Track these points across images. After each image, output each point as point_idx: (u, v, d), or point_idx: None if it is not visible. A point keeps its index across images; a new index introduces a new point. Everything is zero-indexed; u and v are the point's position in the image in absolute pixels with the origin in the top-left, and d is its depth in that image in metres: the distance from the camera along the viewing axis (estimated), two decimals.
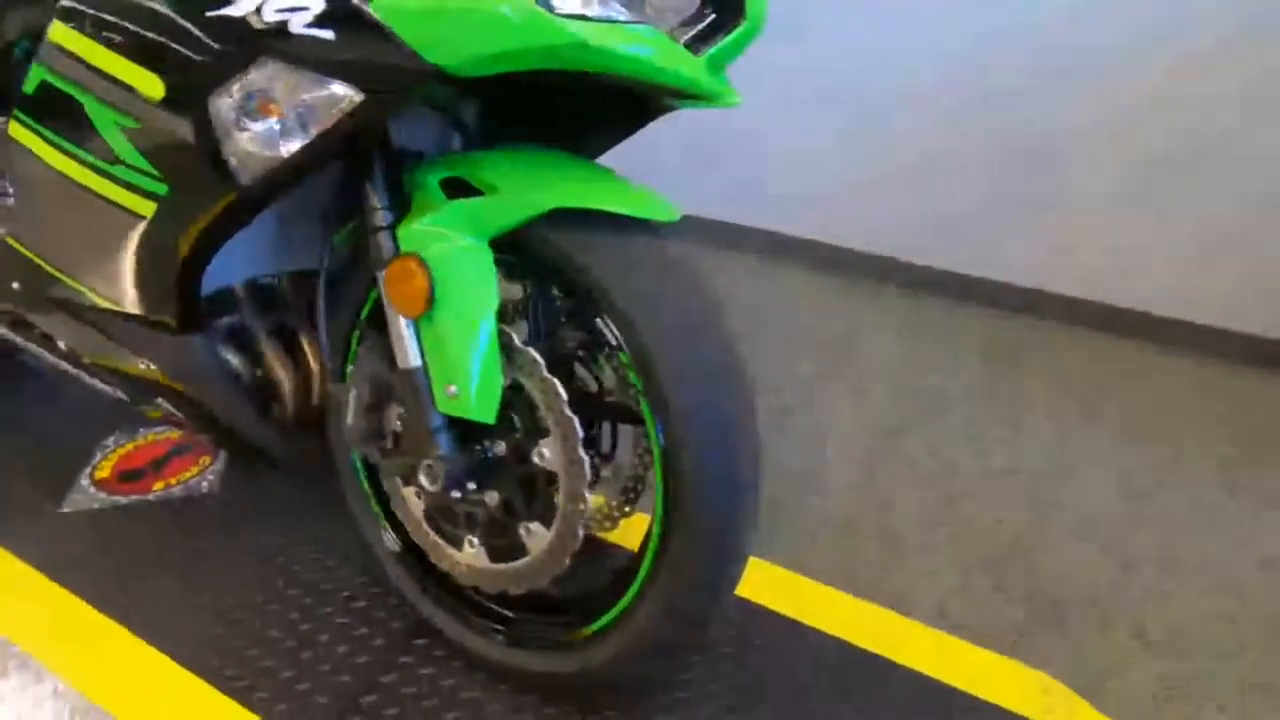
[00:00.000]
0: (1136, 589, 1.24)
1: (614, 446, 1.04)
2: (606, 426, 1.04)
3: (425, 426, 0.87)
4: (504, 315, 0.99)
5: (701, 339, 0.83)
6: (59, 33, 0.87)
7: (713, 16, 0.83)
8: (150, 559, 1.26)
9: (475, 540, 0.96)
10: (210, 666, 1.07)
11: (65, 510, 1.35)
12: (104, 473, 1.44)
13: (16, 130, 0.94)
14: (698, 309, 0.84)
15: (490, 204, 0.82)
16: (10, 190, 1.00)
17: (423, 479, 0.90)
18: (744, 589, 0.99)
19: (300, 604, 1.17)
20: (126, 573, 1.23)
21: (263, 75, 0.75)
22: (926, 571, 1.27)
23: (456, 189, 0.85)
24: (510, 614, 1.02)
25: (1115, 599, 1.22)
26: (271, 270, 1.09)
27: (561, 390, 0.84)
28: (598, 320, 0.84)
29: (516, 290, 0.98)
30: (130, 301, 0.93)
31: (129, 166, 0.84)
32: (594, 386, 0.98)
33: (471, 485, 0.90)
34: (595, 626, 0.93)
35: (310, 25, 0.71)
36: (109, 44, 0.82)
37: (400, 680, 1.05)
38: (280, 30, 0.72)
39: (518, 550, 0.93)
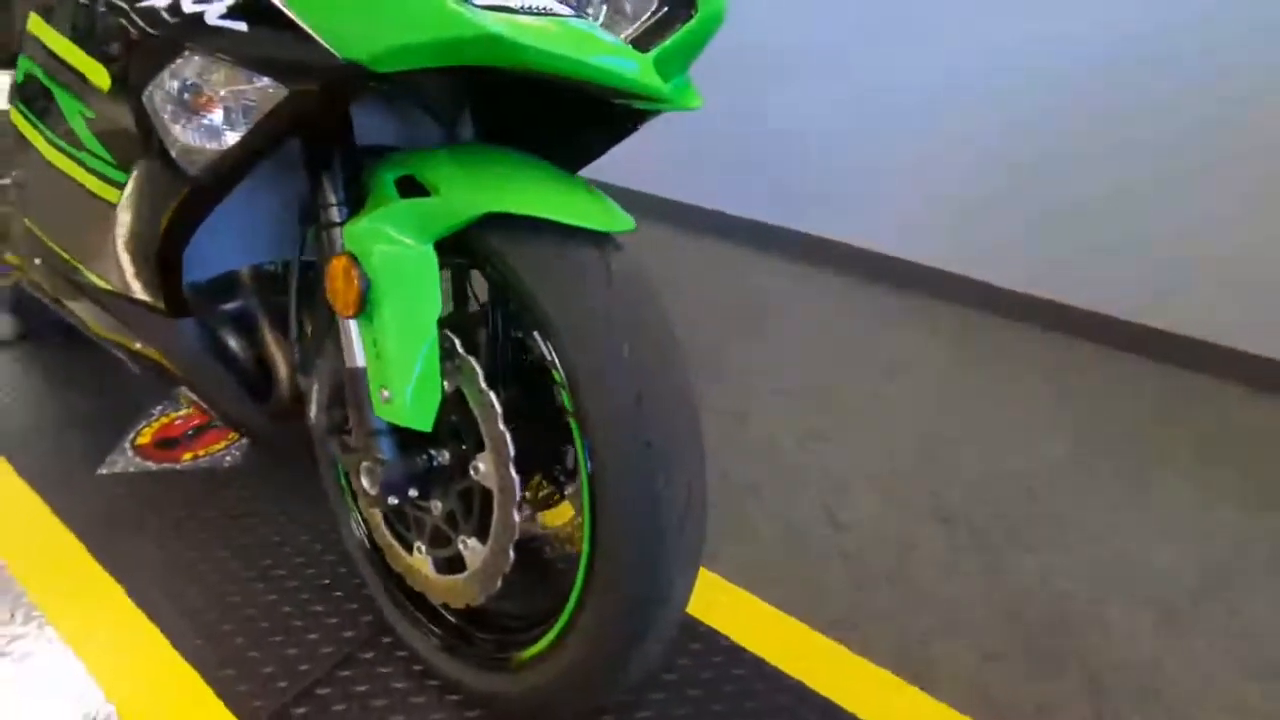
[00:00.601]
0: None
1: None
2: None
3: (367, 428, 0.86)
4: (466, 321, 0.97)
5: (640, 361, 0.77)
6: (34, 23, 0.91)
7: (664, 11, 0.77)
8: (164, 526, 1.33)
9: (422, 548, 0.95)
10: (187, 639, 1.11)
11: (102, 471, 1.45)
12: (145, 439, 1.54)
13: (15, 118, 1.01)
14: (637, 326, 0.78)
15: (431, 205, 0.79)
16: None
17: (364, 480, 0.88)
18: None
19: (283, 586, 1.20)
20: (139, 536, 1.30)
21: (190, 68, 0.75)
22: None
23: (411, 188, 0.83)
24: (459, 626, 1.00)
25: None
26: (273, 257, 1.11)
27: (496, 404, 0.81)
28: (535, 334, 0.80)
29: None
30: (122, 285, 0.97)
31: (93, 155, 0.87)
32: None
33: (413, 493, 0.88)
34: (531, 652, 0.90)
35: (225, 17, 0.70)
36: (68, 34, 0.85)
37: (356, 676, 1.06)
38: (198, 21, 0.72)
39: (458, 563, 0.91)
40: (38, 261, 1.13)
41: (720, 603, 1.16)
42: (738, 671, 1.06)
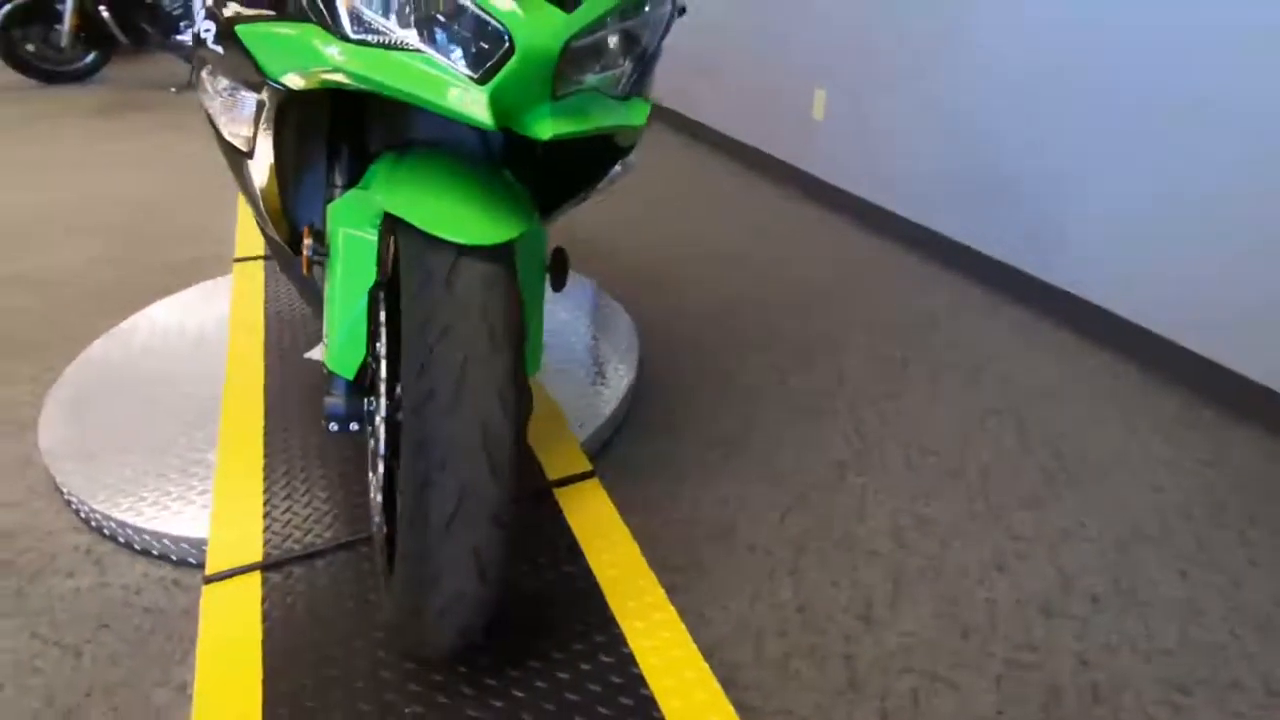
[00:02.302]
0: None
1: None
2: None
3: (324, 369, 1.05)
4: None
5: (445, 361, 0.83)
6: None
7: (504, 48, 0.82)
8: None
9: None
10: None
11: (306, 355, 1.75)
12: None
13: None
14: (451, 330, 0.84)
15: (365, 198, 0.95)
16: None
17: None
18: None
19: None
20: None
21: (206, 72, 0.97)
22: None
23: None
24: None
25: None
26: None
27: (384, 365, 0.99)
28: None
29: None
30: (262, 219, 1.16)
31: None
32: None
33: (354, 426, 1.07)
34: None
35: (215, 41, 0.92)
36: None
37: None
38: (202, 41, 0.94)
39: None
40: None
41: None
42: None
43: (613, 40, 0.92)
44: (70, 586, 1.29)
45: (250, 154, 0.99)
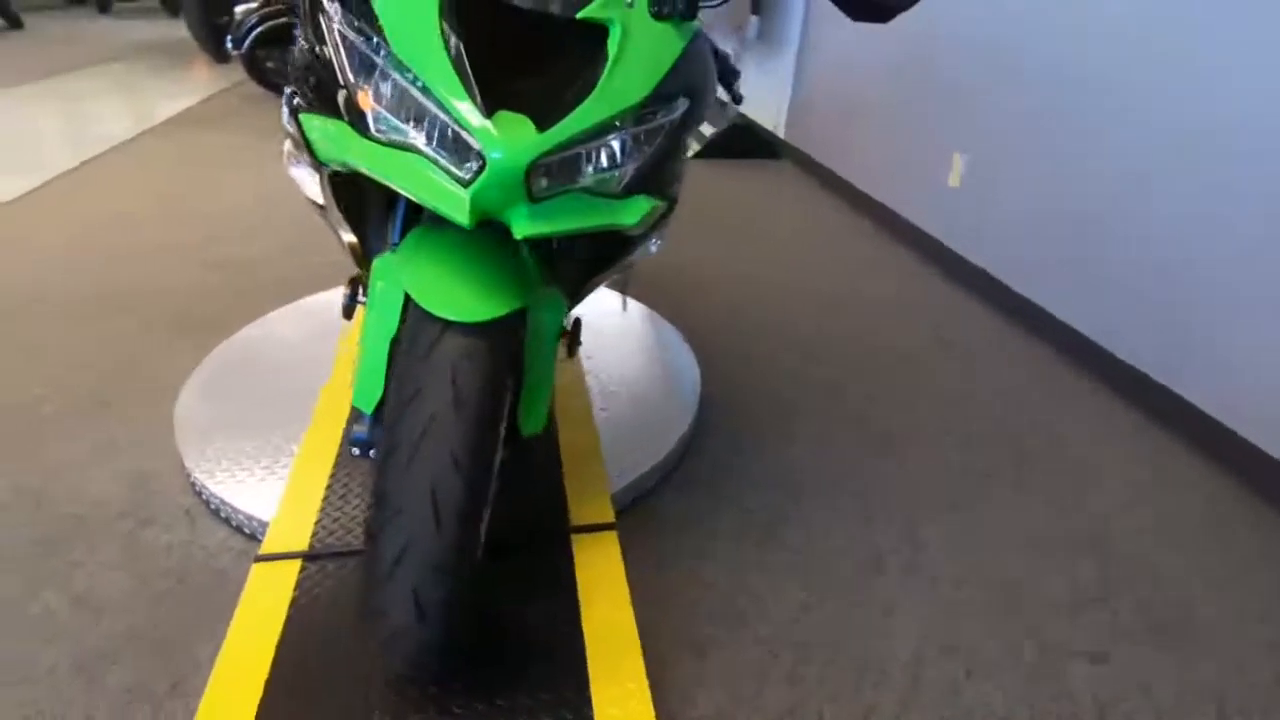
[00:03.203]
0: None
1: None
2: None
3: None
4: None
5: (413, 424, 0.93)
6: None
7: (481, 161, 0.90)
8: None
9: None
10: None
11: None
12: None
13: None
14: (422, 397, 0.94)
15: (391, 263, 1.07)
16: None
17: None
18: None
19: None
20: None
21: (290, 144, 1.12)
22: None
23: None
24: None
25: None
26: None
27: None
28: None
29: None
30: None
31: None
32: None
33: (372, 453, 1.19)
34: None
35: (287, 119, 1.09)
36: None
37: None
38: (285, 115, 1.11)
39: None
40: None
41: None
42: None
43: (606, 148, 0.96)
44: (165, 540, 1.52)
45: (324, 213, 1.15)
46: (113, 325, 2.29)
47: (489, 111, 0.88)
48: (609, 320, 2.31)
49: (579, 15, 0.94)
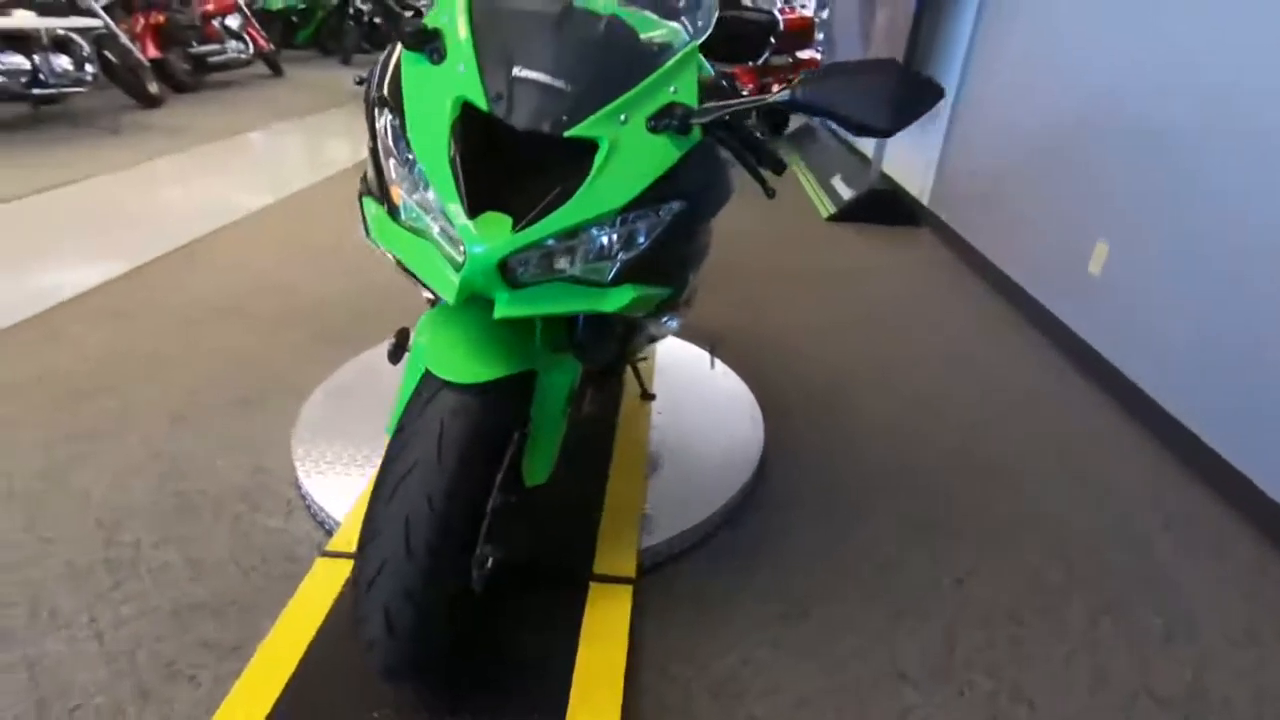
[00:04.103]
0: None
1: None
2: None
3: None
4: None
5: (402, 474, 1.08)
6: None
7: (470, 251, 1.04)
8: None
9: None
10: None
11: None
12: None
13: None
14: (418, 452, 1.08)
15: (423, 323, 1.23)
16: None
17: None
18: None
19: None
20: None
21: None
22: None
23: None
24: None
25: None
26: None
27: None
28: None
29: None
30: None
31: None
32: None
33: None
34: None
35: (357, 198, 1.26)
36: None
37: None
38: None
39: None
40: None
41: None
42: None
43: (589, 244, 1.06)
44: (263, 525, 1.79)
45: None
46: (284, 337, 2.70)
47: (479, 210, 1.02)
48: (691, 377, 2.39)
49: (566, 134, 1.06)
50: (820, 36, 6.49)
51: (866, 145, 5.21)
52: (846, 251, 4.01)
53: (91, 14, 5.38)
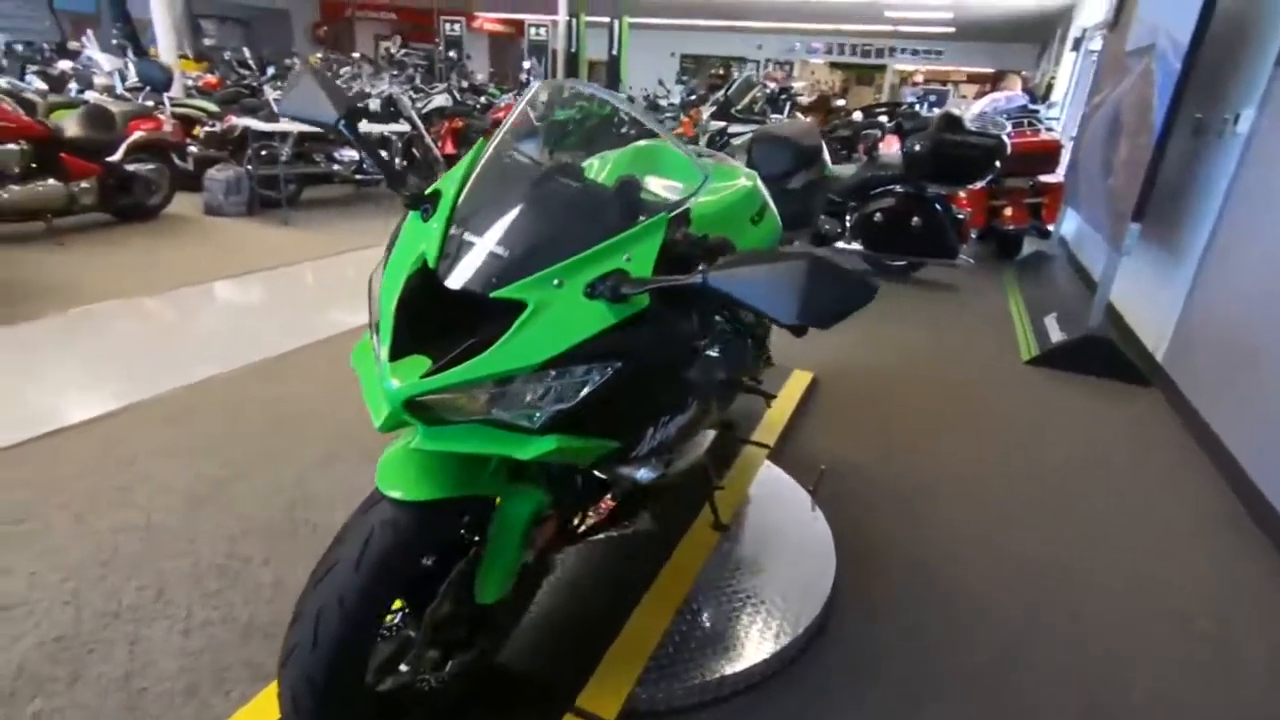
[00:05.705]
0: None
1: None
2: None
3: None
4: None
5: (329, 566, 1.16)
6: None
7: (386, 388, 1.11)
8: None
9: None
10: None
11: None
12: None
13: None
14: (346, 550, 1.17)
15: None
16: None
17: None
18: None
19: None
20: None
21: None
22: None
23: None
24: None
25: None
26: None
27: None
28: None
29: None
30: None
31: None
32: None
33: None
34: None
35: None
36: None
37: None
38: None
39: None
40: None
41: None
42: None
43: (510, 394, 1.11)
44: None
45: None
46: None
47: (404, 353, 1.11)
48: (781, 516, 2.24)
49: (492, 295, 1.11)
50: (1067, 160, 5.71)
51: (1095, 272, 4.43)
52: (1038, 403, 3.42)
53: (410, 121, 6.88)
